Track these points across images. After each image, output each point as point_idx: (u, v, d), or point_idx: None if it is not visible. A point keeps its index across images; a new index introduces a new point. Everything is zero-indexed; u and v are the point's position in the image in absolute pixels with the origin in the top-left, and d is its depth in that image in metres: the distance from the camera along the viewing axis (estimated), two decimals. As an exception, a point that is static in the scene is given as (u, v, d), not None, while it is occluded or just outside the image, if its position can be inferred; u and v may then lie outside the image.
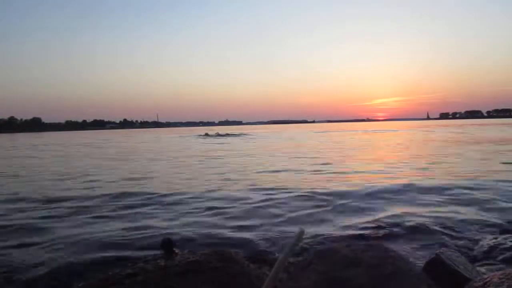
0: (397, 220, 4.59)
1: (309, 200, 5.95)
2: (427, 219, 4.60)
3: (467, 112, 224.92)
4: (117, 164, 12.81)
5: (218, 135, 41.81)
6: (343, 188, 6.89)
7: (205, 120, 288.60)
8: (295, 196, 6.23)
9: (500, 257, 3.40)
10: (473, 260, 3.37)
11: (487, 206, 5.29)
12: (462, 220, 4.56)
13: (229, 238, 4.13)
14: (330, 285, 1.96)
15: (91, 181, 8.79)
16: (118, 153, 18.62)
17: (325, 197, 6.07)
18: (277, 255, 3.52)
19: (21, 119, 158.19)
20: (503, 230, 4.16)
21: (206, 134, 43.30)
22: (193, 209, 5.57)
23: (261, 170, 10.02)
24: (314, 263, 2.15)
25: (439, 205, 5.44)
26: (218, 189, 7.16)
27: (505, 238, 3.87)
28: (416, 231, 4.19)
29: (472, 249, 3.64)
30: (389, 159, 12.40)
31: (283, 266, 1.07)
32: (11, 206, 6.08)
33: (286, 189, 6.91)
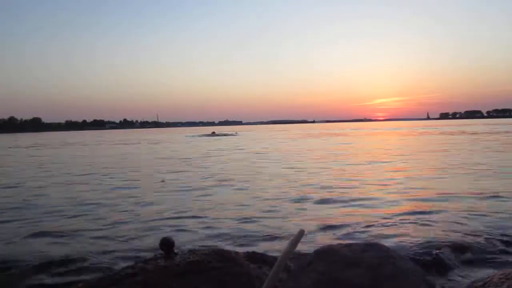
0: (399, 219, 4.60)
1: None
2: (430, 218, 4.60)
3: (467, 112, 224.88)
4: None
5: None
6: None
7: (205, 120, 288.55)
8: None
9: (501, 256, 3.40)
10: (473, 259, 3.37)
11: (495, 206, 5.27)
12: (466, 219, 4.56)
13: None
14: (330, 285, 1.96)
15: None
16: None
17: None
18: (277, 255, 3.51)
19: (21, 119, 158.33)
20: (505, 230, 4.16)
21: (213, 133, 44.97)
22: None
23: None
24: (314, 263, 2.15)
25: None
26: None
27: (506, 238, 3.86)
28: (417, 231, 4.19)
29: (473, 249, 3.63)
30: None
31: (283, 266, 1.07)
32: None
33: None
